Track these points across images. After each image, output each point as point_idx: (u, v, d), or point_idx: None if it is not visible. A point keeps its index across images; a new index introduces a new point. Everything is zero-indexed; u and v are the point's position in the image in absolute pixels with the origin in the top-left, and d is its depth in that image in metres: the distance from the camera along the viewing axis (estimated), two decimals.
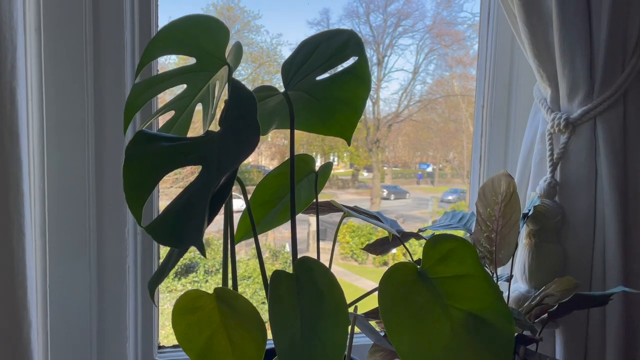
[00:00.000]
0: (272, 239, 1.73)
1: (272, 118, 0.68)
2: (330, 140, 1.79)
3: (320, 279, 0.55)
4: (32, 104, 0.80)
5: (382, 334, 0.73)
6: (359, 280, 1.81)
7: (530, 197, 0.87)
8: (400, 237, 0.77)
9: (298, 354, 0.51)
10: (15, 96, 0.67)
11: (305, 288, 0.55)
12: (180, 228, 0.49)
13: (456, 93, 1.79)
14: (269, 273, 0.57)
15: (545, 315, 0.71)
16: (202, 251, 0.47)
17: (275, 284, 0.55)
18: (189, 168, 1.26)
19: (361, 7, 1.62)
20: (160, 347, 0.97)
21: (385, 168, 1.95)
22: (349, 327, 0.58)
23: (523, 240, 0.86)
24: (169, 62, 1.24)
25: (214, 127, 0.59)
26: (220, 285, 0.58)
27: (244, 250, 1.61)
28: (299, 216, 0.71)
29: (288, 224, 0.72)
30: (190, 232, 0.48)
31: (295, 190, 0.62)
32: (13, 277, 0.67)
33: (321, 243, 0.71)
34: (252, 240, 0.71)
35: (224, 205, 0.52)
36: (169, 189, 1.35)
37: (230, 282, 0.60)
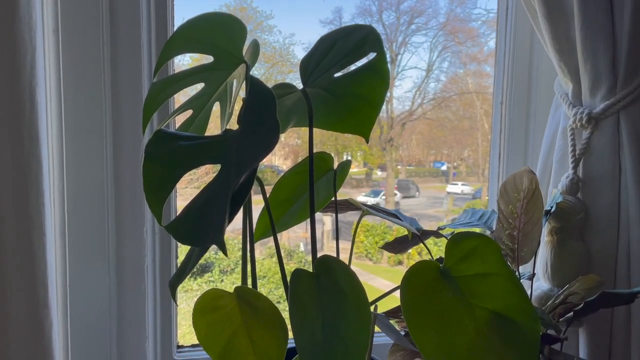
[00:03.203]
0: (286, 239, 1.72)
1: (290, 116, 0.67)
2: (343, 139, 1.78)
3: (341, 277, 0.54)
4: (51, 104, 0.81)
5: (403, 333, 0.72)
6: (374, 279, 1.80)
7: (552, 194, 0.86)
8: (420, 236, 0.76)
9: (319, 354, 0.51)
10: (35, 96, 0.67)
11: (327, 287, 0.54)
12: (201, 227, 0.48)
13: (470, 90, 1.77)
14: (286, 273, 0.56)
15: (570, 314, 0.69)
16: (224, 249, 0.46)
17: (295, 283, 0.54)
18: (203, 168, 1.26)
19: (374, 6, 1.60)
20: (179, 347, 0.97)
21: (399, 167, 1.94)
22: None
23: (545, 238, 0.85)
24: (182, 63, 1.24)
25: (231, 125, 0.58)
26: (236, 284, 0.57)
27: (259, 250, 1.61)
28: None
29: (302, 224, 0.72)
30: (211, 230, 0.47)
31: (314, 188, 0.61)
32: (34, 275, 0.67)
33: (335, 243, 0.70)
34: (266, 240, 0.70)
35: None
36: (184, 189, 1.35)
37: (249, 281, 0.60)
